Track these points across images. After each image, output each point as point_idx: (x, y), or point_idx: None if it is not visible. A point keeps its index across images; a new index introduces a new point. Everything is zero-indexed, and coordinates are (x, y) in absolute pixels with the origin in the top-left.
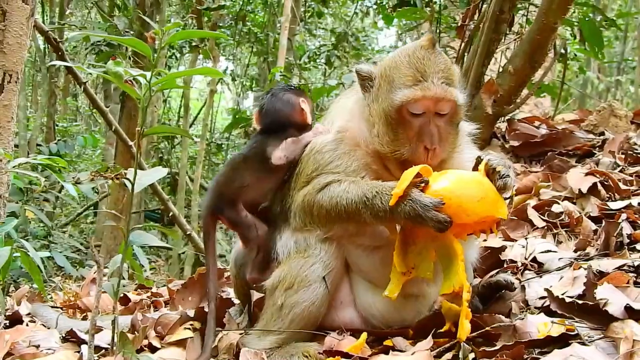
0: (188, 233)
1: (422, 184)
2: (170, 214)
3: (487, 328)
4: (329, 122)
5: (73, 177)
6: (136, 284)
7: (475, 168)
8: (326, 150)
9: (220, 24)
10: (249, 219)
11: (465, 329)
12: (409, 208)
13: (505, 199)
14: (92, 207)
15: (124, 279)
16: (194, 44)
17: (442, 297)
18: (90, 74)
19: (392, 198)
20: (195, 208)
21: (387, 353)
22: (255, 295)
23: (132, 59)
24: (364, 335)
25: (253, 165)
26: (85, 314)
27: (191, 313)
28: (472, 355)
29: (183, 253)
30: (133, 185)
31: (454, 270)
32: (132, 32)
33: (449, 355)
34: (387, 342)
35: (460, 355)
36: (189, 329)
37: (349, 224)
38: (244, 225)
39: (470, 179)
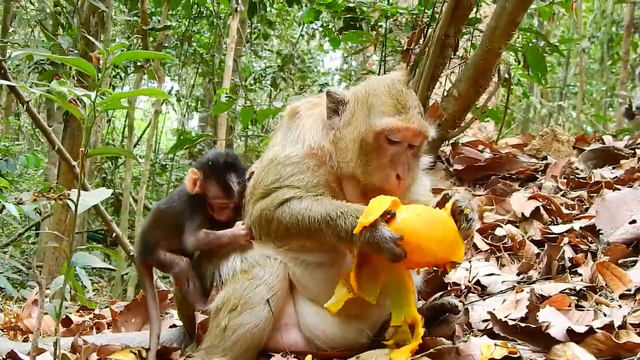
0: (131, 254)
1: (389, 216)
2: (114, 235)
3: (430, 350)
4: (295, 140)
5: (15, 197)
6: (78, 305)
7: (441, 205)
8: (289, 162)
9: (166, 44)
10: (167, 258)
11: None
12: (370, 236)
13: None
14: (34, 228)
15: (66, 300)
16: (139, 64)
17: (391, 329)
18: (33, 92)
19: (357, 225)
20: (139, 229)
21: None
22: (200, 317)
23: (76, 78)
24: (309, 357)
25: (168, 222)
26: (26, 336)
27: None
28: None
29: (126, 274)
30: (76, 206)
31: (405, 302)
32: (76, 52)
33: None
34: None
35: None
36: (134, 353)
37: (307, 241)
38: (166, 265)
39: (436, 219)
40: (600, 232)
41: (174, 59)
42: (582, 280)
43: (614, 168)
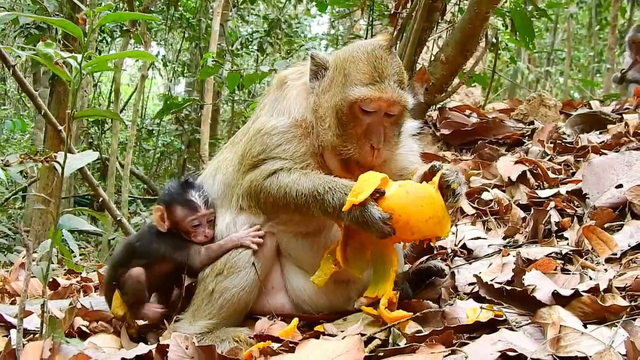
0: (118, 219)
1: (378, 195)
2: (100, 200)
3: (417, 313)
4: (282, 111)
5: (1, 160)
6: (65, 269)
7: (429, 177)
8: (275, 133)
9: (152, 9)
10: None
11: (390, 316)
12: (359, 215)
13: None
14: (21, 192)
15: (53, 263)
16: (125, 28)
17: (363, 299)
18: (19, 57)
19: (346, 203)
20: (126, 194)
21: (317, 338)
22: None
23: (62, 42)
24: (295, 320)
25: (142, 258)
26: (13, 299)
27: None
28: (402, 341)
29: (113, 239)
30: (63, 168)
31: (384, 277)
32: (62, 15)
33: (378, 341)
34: (318, 328)
35: (390, 340)
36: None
37: (295, 215)
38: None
39: (424, 196)
40: (587, 196)
41: (161, 22)
42: (568, 244)
43: (600, 133)
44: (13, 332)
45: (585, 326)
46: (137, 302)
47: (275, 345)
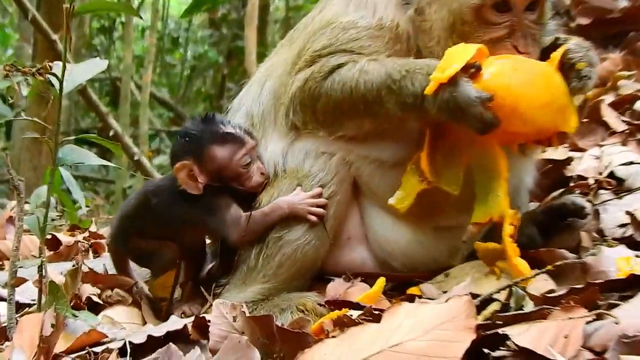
0: (136, 158)
1: (473, 70)
2: (112, 133)
3: (548, 267)
4: (362, 5)
5: None
6: (68, 225)
7: (547, 54)
8: (352, 27)
9: None
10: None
11: (520, 267)
12: (448, 97)
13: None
14: (5, 127)
15: (53, 212)
16: None
17: (473, 228)
18: None
19: (430, 84)
20: (145, 125)
21: (411, 302)
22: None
23: None
24: (381, 280)
25: (161, 218)
26: (1, 263)
27: None
28: (528, 304)
29: (129, 187)
30: (62, 83)
31: (494, 192)
32: None
33: (496, 304)
34: (413, 290)
35: (512, 304)
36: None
37: (366, 119)
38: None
39: (537, 74)
40: None
41: None
42: None
43: None
44: (2, 304)
45: None
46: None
47: (355, 314)
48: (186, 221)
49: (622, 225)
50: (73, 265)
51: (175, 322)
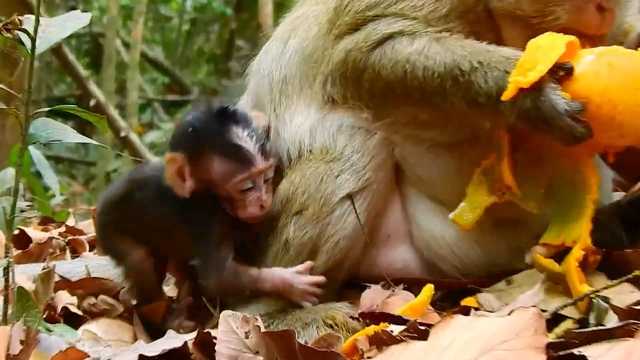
0: (122, 134)
1: (562, 72)
2: (92, 103)
3: (635, 272)
4: None
5: None
6: (39, 217)
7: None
8: None
9: None
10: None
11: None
12: (530, 107)
13: None
14: None
15: (22, 202)
16: None
17: (540, 249)
18: None
19: (508, 87)
20: (135, 93)
21: (466, 314)
22: None
23: None
24: (429, 288)
25: (139, 217)
26: None
27: None
28: (611, 318)
29: (114, 171)
30: (34, 42)
31: (576, 212)
32: None
33: (570, 322)
34: (467, 301)
35: (591, 318)
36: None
37: (422, 110)
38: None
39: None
40: None
41: None
42: None
43: None
44: None
45: None
46: (146, 297)
47: (396, 329)
48: (166, 230)
49: None
50: (44, 268)
51: (172, 339)
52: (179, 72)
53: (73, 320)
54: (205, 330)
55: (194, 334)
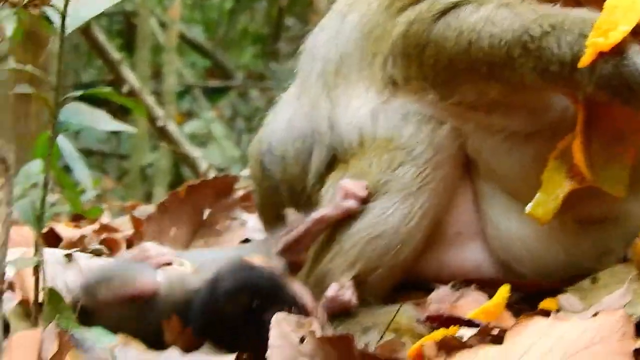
0: (159, 124)
1: None
2: (125, 90)
3: None
4: None
5: None
6: (69, 214)
7: None
8: None
9: None
10: None
11: None
12: (612, 73)
13: None
14: None
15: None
16: None
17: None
18: None
19: (585, 51)
20: (171, 78)
21: (546, 316)
22: None
23: None
24: (504, 289)
25: None
26: None
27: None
28: None
29: (149, 165)
30: (64, 18)
31: None
32: None
33: None
34: (547, 303)
35: None
36: None
37: (490, 85)
38: None
39: None
40: None
41: None
42: None
43: None
44: None
45: None
46: None
47: (467, 334)
48: None
49: None
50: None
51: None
52: (222, 54)
53: None
54: None
55: None
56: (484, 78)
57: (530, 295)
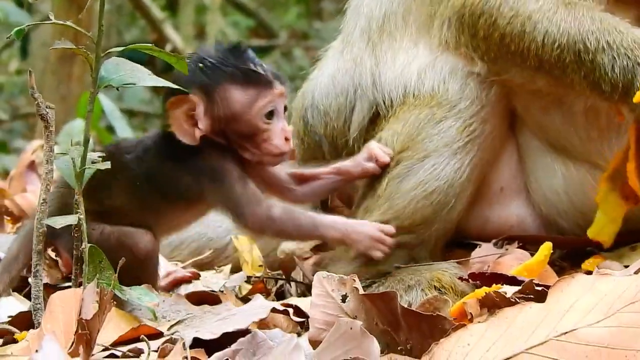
0: None
1: None
2: (169, 49)
3: None
4: None
5: None
6: None
7: None
8: None
9: None
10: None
11: None
12: None
13: None
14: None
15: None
16: None
17: None
18: None
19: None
20: (214, 38)
21: (587, 275)
22: None
23: None
24: (547, 246)
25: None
26: (19, 225)
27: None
28: None
29: None
30: None
31: None
32: None
33: None
34: (591, 262)
35: None
36: None
37: (539, 76)
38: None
39: None
40: None
41: None
42: None
43: None
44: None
45: None
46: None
47: (509, 291)
48: (174, 190)
49: None
50: None
51: (258, 308)
52: (265, 14)
53: None
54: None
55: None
56: (532, 68)
57: (572, 252)
